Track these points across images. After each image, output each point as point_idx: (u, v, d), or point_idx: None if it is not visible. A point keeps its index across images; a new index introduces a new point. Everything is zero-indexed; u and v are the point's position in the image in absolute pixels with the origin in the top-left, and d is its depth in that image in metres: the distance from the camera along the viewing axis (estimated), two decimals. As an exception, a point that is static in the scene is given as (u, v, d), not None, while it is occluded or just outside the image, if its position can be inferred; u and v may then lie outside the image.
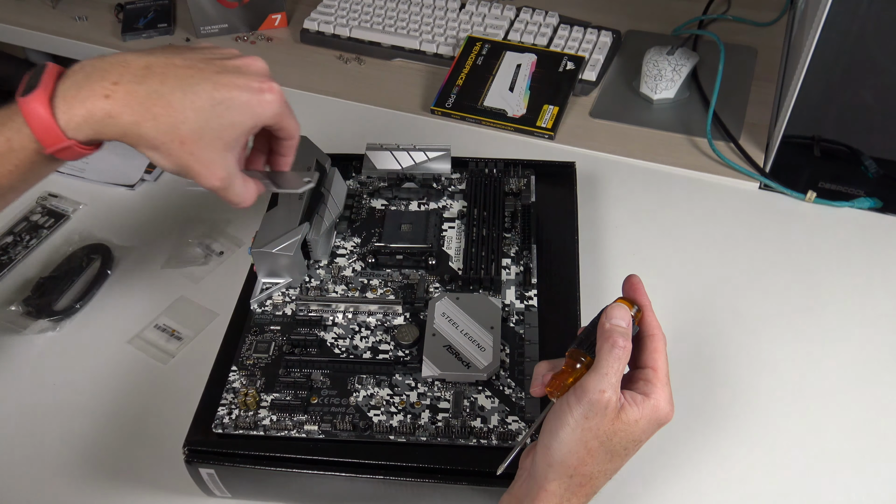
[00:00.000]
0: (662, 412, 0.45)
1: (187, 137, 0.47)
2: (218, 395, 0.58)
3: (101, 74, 0.46)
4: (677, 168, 0.85)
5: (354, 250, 0.68)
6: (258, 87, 0.50)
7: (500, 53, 0.97)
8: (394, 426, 0.55)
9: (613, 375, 0.44)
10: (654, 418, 0.45)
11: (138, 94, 0.46)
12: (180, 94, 0.47)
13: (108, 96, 0.45)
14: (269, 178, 0.59)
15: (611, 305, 0.47)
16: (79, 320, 0.72)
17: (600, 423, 0.43)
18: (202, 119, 0.47)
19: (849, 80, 0.84)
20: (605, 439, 0.44)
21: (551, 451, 0.44)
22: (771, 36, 1.02)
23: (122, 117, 0.46)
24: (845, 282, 0.72)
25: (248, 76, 0.50)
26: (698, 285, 0.72)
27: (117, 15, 1.13)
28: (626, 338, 0.45)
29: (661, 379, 0.46)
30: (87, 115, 0.45)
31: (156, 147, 0.47)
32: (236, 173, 0.51)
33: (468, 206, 0.71)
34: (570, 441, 0.44)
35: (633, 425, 0.44)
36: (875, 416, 0.62)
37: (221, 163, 0.49)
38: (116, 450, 0.62)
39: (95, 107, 0.45)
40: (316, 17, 1.06)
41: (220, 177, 0.50)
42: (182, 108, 0.46)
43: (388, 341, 0.61)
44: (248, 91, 0.49)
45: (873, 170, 0.83)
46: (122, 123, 0.46)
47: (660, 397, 0.45)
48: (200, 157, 0.48)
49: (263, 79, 0.50)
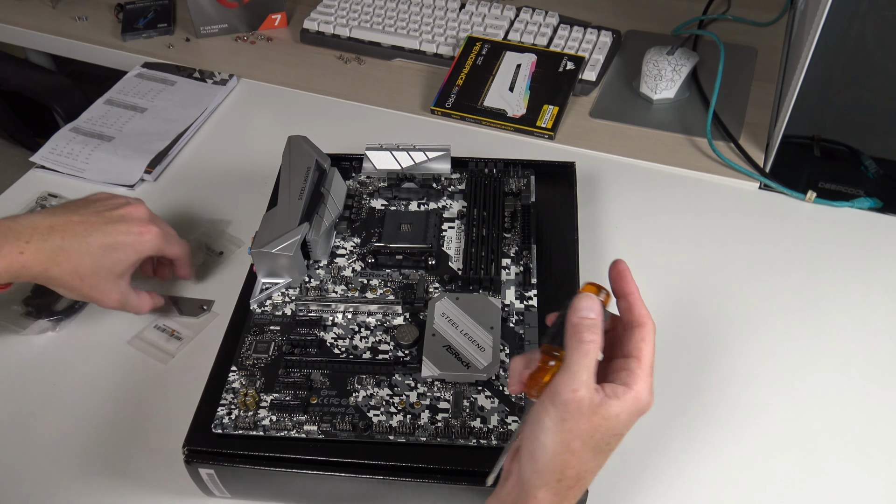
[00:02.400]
0: (643, 402, 0.44)
1: (86, 275, 0.62)
2: (217, 395, 0.58)
3: (14, 235, 0.59)
4: (677, 168, 0.85)
5: (354, 250, 0.68)
6: (138, 231, 0.64)
7: (500, 53, 0.97)
8: (393, 426, 0.55)
9: (584, 372, 0.43)
10: (634, 409, 0.44)
11: (45, 250, 0.60)
12: (77, 245, 0.61)
13: (22, 253, 0.59)
14: (173, 304, 0.72)
15: (577, 296, 0.45)
16: (79, 320, 0.72)
17: (579, 423, 0.42)
18: (96, 261, 0.62)
19: (849, 80, 0.84)
20: (586, 438, 0.43)
21: (536, 458, 0.44)
22: (771, 36, 1.02)
23: (34, 267, 0.60)
24: (845, 282, 0.72)
25: (129, 223, 0.64)
26: (698, 285, 0.72)
27: (117, 15, 1.13)
28: (593, 331, 0.44)
29: (645, 369, 0.45)
30: (7, 266, 0.59)
31: (62, 285, 0.62)
32: (129, 293, 0.66)
33: (468, 206, 0.71)
34: (552, 445, 0.43)
35: (615, 419, 0.43)
36: (875, 415, 0.62)
37: (115, 289, 0.65)
38: (116, 450, 0.62)
39: (13, 261, 0.59)
40: (316, 17, 1.06)
41: (116, 299, 0.65)
42: (80, 256, 0.61)
43: (387, 341, 0.61)
44: (131, 235, 0.64)
45: (873, 170, 0.83)
46: (34, 271, 0.60)
47: (641, 388, 0.44)
48: (98, 288, 0.63)
49: (143, 223, 0.65)
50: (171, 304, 0.72)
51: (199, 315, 0.71)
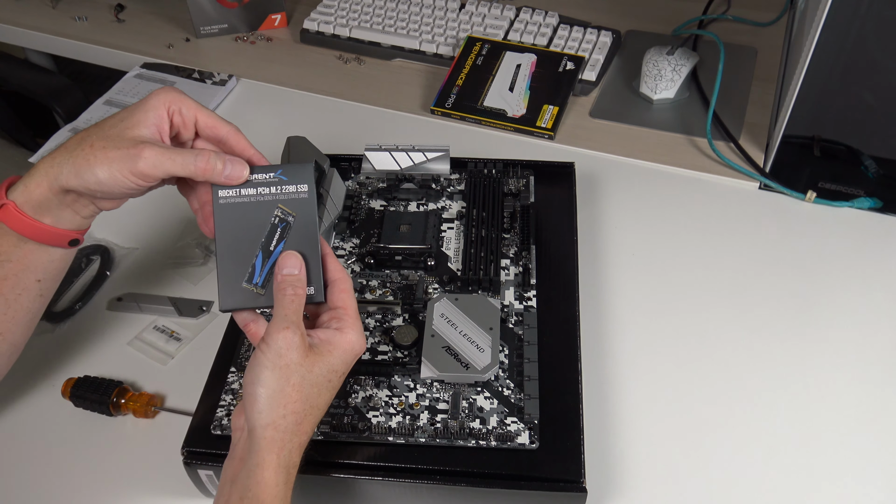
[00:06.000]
0: (357, 344, 0.50)
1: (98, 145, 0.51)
2: (217, 396, 0.58)
3: None
4: (677, 168, 0.84)
5: (353, 251, 0.68)
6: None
7: (499, 53, 0.97)
8: (392, 427, 0.55)
9: (293, 314, 0.48)
10: (348, 349, 0.49)
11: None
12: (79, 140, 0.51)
13: None
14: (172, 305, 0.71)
15: (282, 255, 0.50)
16: (78, 321, 0.72)
17: (294, 358, 0.46)
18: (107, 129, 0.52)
19: (849, 80, 0.84)
20: (305, 373, 0.47)
21: (257, 397, 0.46)
22: (771, 36, 1.02)
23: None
24: (845, 282, 0.72)
25: None
26: (698, 285, 0.72)
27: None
28: (296, 285, 0.49)
29: (352, 315, 0.50)
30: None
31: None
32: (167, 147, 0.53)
33: (467, 206, 0.71)
34: (273, 382, 0.46)
35: (329, 355, 0.48)
36: (875, 415, 0.62)
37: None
38: (115, 451, 0.62)
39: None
40: (316, 18, 1.06)
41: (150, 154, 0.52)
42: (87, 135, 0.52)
43: (386, 342, 0.61)
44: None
45: (873, 169, 0.83)
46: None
47: (350, 330, 0.49)
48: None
49: None
50: (171, 304, 0.72)
51: (198, 316, 0.71)
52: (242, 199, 0.51)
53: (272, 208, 0.51)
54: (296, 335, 0.47)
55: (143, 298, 0.72)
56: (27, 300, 0.55)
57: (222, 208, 0.51)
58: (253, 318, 0.51)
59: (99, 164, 0.49)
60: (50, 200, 0.52)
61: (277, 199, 0.51)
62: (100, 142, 0.50)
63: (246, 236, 0.51)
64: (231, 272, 0.51)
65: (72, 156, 0.50)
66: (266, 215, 0.51)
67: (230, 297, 0.50)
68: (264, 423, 0.46)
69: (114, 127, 0.51)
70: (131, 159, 0.49)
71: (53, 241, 0.53)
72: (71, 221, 0.54)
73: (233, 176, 0.51)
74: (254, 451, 0.45)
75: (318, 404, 0.48)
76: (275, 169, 0.52)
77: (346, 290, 0.51)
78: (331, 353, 0.48)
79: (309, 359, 0.47)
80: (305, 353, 0.47)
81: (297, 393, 0.46)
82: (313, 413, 0.48)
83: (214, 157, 0.51)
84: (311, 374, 0.47)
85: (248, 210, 0.51)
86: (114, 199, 0.53)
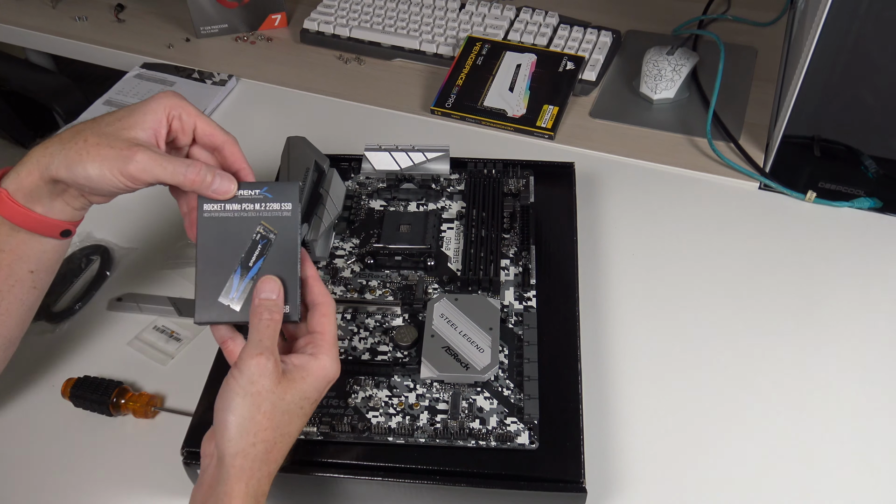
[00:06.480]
0: (330, 370, 0.49)
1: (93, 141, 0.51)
2: (216, 396, 0.57)
3: None
4: (677, 168, 0.84)
5: (353, 251, 0.68)
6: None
7: (499, 53, 0.97)
8: (392, 427, 0.55)
9: (267, 340, 0.47)
10: (321, 376, 0.49)
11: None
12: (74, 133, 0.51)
13: None
14: (172, 305, 0.70)
15: (261, 280, 0.50)
16: (78, 321, 0.72)
17: (266, 385, 0.46)
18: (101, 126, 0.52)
19: (849, 80, 0.84)
20: (276, 400, 0.46)
21: (228, 425, 0.45)
22: (771, 36, 1.02)
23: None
24: (845, 281, 0.72)
25: None
26: (698, 285, 0.72)
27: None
28: (273, 310, 0.49)
29: (329, 341, 0.50)
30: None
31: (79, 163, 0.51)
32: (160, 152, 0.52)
33: (467, 206, 0.71)
34: (243, 409, 0.45)
35: (302, 382, 0.48)
36: (875, 415, 0.62)
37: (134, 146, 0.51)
38: (115, 451, 0.62)
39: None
40: (316, 18, 1.06)
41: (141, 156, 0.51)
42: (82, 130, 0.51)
43: (386, 342, 0.61)
44: None
45: (873, 169, 0.83)
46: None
47: (325, 356, 0.49)
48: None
49: None
50: (171, 304, 0.72)
51: None
52: (226, 213, 0.52)
53: (255, 224, 0.51)
54: (269, 361, 0.46)
55: (142, 298, 0.72)
56: (21, 291, 0.55)
57: (206, 221, 0.51)
58: (231, 336, 0.51)
59: (91, 160, 0.49)
60: (41, 189, 0.51)
61: (261, 216, 0.52)
62: (94, 138, 0.50)
63: (227, 251, 0.51)
64: (209, 286, 0.51)
65: (65, 147, 0.50)
66: (248, 231, 0.51)
67: (206, 312, 0.51)
68: (234, 451, 0.45)
69: (111, 125, 0.51)
70: (123, 160, 0.49)
71: (45, 231, 0.53)
72: (62, 212, 0.53)
73: (220, 190, 0.51)
74: (223, 480, 0.45)
75: (290, 432, 0.48)
76: (261, 186, 0.52)
77: (328, 315, 0.51)
78: (304, 380, 0.48)
79: (281, 386, 0.47)
80: (278, 379, 0.47)
81: (268, 421, 0.46)
82: (284, 441, 0.47)
83: (205, 170, 0.51)
84: (282, 402, 0.47)
85: (231, 225, 0.51)
86: (103, 195, 0.53)
